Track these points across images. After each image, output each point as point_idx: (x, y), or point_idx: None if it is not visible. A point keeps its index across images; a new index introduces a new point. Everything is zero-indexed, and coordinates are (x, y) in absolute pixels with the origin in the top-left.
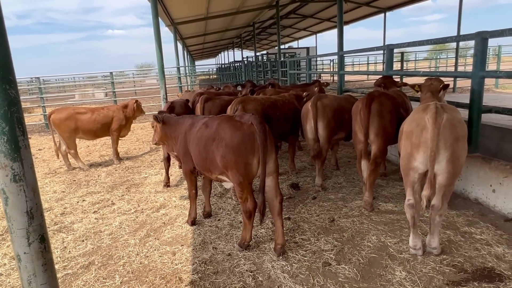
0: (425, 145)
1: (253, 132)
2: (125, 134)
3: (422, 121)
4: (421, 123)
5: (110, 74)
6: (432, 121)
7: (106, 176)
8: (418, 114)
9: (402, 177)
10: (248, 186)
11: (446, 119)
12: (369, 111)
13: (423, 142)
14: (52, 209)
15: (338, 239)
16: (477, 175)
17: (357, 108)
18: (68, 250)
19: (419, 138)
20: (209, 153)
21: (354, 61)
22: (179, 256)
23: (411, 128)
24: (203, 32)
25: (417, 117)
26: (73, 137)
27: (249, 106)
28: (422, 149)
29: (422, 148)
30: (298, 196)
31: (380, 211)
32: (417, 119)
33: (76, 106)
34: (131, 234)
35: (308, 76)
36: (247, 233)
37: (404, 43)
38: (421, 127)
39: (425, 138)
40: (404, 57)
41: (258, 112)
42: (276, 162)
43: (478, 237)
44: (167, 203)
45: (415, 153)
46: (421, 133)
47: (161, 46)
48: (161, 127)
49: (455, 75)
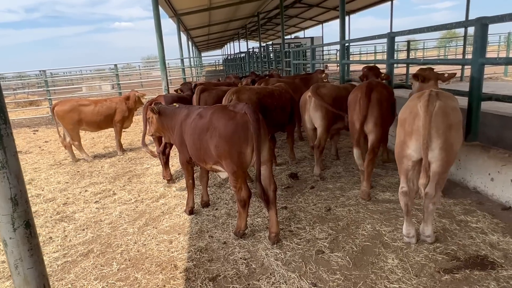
0: (417, 132)
1: (246, 122)
2: (128, 125)
3: (415, 108)
4: (413, 110)
5: (114, 67)
6: (424, 109)
7: (109, 167)
8: (412, 102)
9: (397, 165)
10: (242, 175)
11: (438, 107)
12: (368, 100)
13: (415, 130)
14: (55, 199)
15: (333, 227)
16: (476, 163)
17: (356, 97)
18: (69, 239)
19: (412, 125)
20: (203, 143)
21: (361, 51)
22: (175, 244)
23: (405, 115)
24: (207, 23)
25: (411, 104)
26: (76, 129)
27: (243, 96)
28: (415, 137)
29: (415, 136)
30: (297, 186)
31: (377, 200)
32: (410, 107)
33: (80, 98)
34: (130, 223)
35: (312, 66)
36: (242, 221)
37: (405, 30)
38: (413, 115)
39: (418, 125)
40: (411, 46)
41: (253, 101)
42: (270, 151)
43: (473, 226)
44: (166, 193)
45: (408, 141)
46: (414, 121)
47: (162, 37)
48: (157, 118)
49: (456, 63)
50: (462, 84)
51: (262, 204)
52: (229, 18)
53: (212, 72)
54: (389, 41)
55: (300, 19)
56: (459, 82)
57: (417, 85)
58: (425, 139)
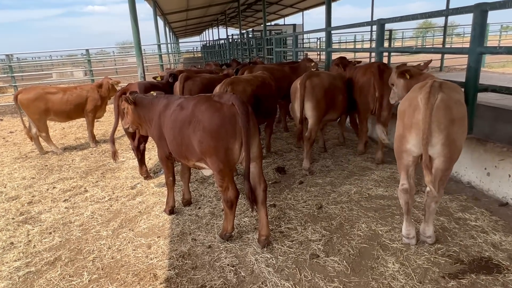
0: (417, 126)
1: (234, 114)
2: (101, 115)
3: (415, 100)
4: (413, 103)
5: (86, 52)
6: (425, 101)
7: (81, 161)
8: (413, 93)
9: (396, 160)
10: (229, 174)
11: (440, 99)
12: (382, 80)
13: (415, 124)
14: (19, 197)
15: (326, 227)
16: (471, 157)
17: (369, 80)
18: (33, 244)
19: (411, 119)
20: (185, 137)
21: (341, 39)
22: (154, 250)
23: (404, 107)
24: (185, 7)
25: (411, 96)
26: (43, 119)
27: (238, 87)
28: (415, 131)
29: (414, 130)
30: (284, 181)
31: (370, 196)
32: (410, 98)
33: (46, 86)
34: (104, 225)
35: (294, 54)
36: (229, 223)
37: (396, 17)
38: (413, 107)
39: (417, 119)
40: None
41: (249, 93)
42: (260, 146)
43: (473, 224)
44: (144, 189)
45: (407, 135)
46: (413, 114)
47: (137, 20)
48: (133, 109)
49: (451, 51)
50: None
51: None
52: (208, 3)
53: (190, 59)
54: (379, 28)
55: (281, 6)
56: (438, 72)
57: (402, 83)
58: (425, 133)
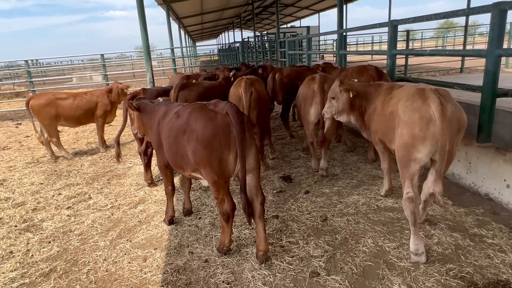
0: (432, 138)
1: (228, 123)
2: (111, 120)
3: (427, 113)
4: (425, 115)
5: (101, 57)
6: (440, 115)
7: (89, 166)
8: (417, 104)
9: (399, 167)
10: (224, 186)
11: (451, 112)
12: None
13: (430, 136)
14: (25, 204)
15: (329, 242)
16: (489, 167)
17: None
18: (31, 254)
19: (425, 131)
20: (180, 147)
21: (358, 41)
22: (150, 263)
23: (413, 119)
24: (199, 11)
25: (418, 107)
26: (54, 124)
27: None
28: (429, 142)
29: (429, 141)
30: (290, 190)
31: (379, 208)
32: (419, 110)
33: (57, 91)
34: (103, 234)
35: (308, 57)
36: (226, 237)
37: (409, 18)
38: (426, 120)
39: (433, 131)
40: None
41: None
42: (257, 157)
43: (489, 241)
44: (147, 197)
45: (419, 145)
46: (427, 126)
47: (146, 26)
48: (137, 115)
49: (467, 54)
50: (462, 76)
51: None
52: (222, 6)
53: (207, 62)
54: (391, 30)
55: (296, 8)
56: (459, 74)
57: (345, 98)
58: (445, 145)
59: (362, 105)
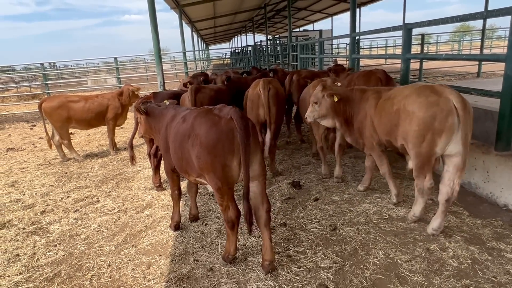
0: (449, 130)
1: (232, 129)
2: (121, 122)
3: (447, 106)
4: (445, 108)
5: (115, 60)
6: (462, 107)
7: (99, 169)
8: (433, 98)
9: (417, 165)
10: (228, 192)
11: (469, 104)
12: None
13: (448, 128)
14: (34, 206)
15: (339, 253)
16: (508, 177)
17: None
18: (37, 257)
19: (444, 123)
20: (185, 152)
21: (372, 45)
22: (154, 270)
23: (431, 113)
24: (212, 15)
25: (435, 101)
26: (65, 127)
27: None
28: (446, 135)
29: (446, 134)
30: (299, 197)
31: (391, 217)
32: (438, 104)
33: (69, 94)
34: (108, 239)
35: (320, 61)
36: (231, 245)
37: (424, 21)
38: (446, 112)
39: (451, 123)
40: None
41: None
42: (262, 164)
43: (509, 256)
44: (154, 202)
45: (437, 139)
46: (446, 119)
47: (157, 30)
48: (145, 119)
49: (485, 58)
50: (478, 80)
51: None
52: (235, 10)
53: (219, 65)
54: (406, 33)
55: (309, 12)
56: (476, 79)
57: (329, 103)
58: (468, 136)
59: (346, 110)
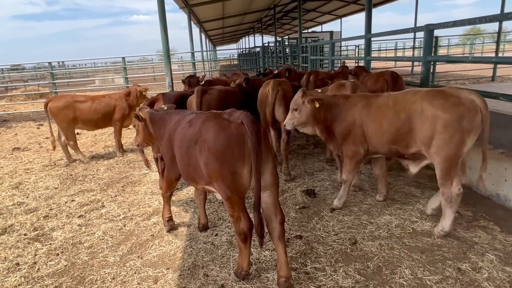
0: (476, 129)
1: (242, 134)
2: (128, 124)
3: (473, 105)
4: (472, 107)
5: (122, 60)
6: (485, 105)
7: (105, 171)
8: (453, 100)
9: (444, 170)
10: (239, 202)
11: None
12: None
13: (475, 127)
14: (37, 210)
15: (361, 271)
16: None
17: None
18: (37, 267)
19: (472, 122)
20: (192, 158)
21: (380, 47)
22: (161, 285)
23: (459, 113)
24: (221, 15)
25: (458, 102)
26: (71, 127)
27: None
28: (473, 133)
29: (473, 132)
30: (314, 206)
31: (415, 231)
32: (465, 103)
33: (75, 94)
34: (113, 248)
35: (330, 62)
36: (244, 259)
37: (448, 22)
38: (473, 111)
39: (477, 121)
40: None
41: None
42: (275, 172)
43: None
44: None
45: (466, 139)
46: (474, 117)
47: (167, 30)
48: (143, 126)
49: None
50: (493, 85)
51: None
52: (244, 11)
53: (227, 66)
54: (427, 34)
55: (318, 13)
56: (490, 83)
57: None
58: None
59: (327, 117)
